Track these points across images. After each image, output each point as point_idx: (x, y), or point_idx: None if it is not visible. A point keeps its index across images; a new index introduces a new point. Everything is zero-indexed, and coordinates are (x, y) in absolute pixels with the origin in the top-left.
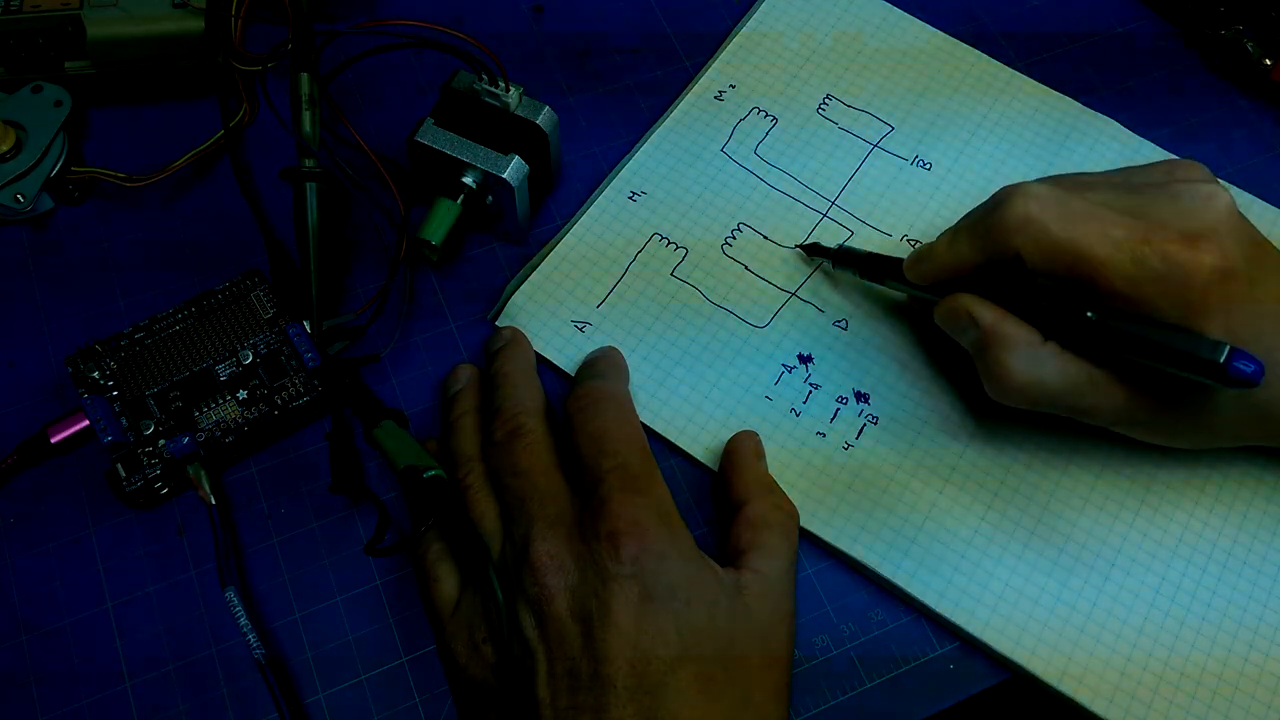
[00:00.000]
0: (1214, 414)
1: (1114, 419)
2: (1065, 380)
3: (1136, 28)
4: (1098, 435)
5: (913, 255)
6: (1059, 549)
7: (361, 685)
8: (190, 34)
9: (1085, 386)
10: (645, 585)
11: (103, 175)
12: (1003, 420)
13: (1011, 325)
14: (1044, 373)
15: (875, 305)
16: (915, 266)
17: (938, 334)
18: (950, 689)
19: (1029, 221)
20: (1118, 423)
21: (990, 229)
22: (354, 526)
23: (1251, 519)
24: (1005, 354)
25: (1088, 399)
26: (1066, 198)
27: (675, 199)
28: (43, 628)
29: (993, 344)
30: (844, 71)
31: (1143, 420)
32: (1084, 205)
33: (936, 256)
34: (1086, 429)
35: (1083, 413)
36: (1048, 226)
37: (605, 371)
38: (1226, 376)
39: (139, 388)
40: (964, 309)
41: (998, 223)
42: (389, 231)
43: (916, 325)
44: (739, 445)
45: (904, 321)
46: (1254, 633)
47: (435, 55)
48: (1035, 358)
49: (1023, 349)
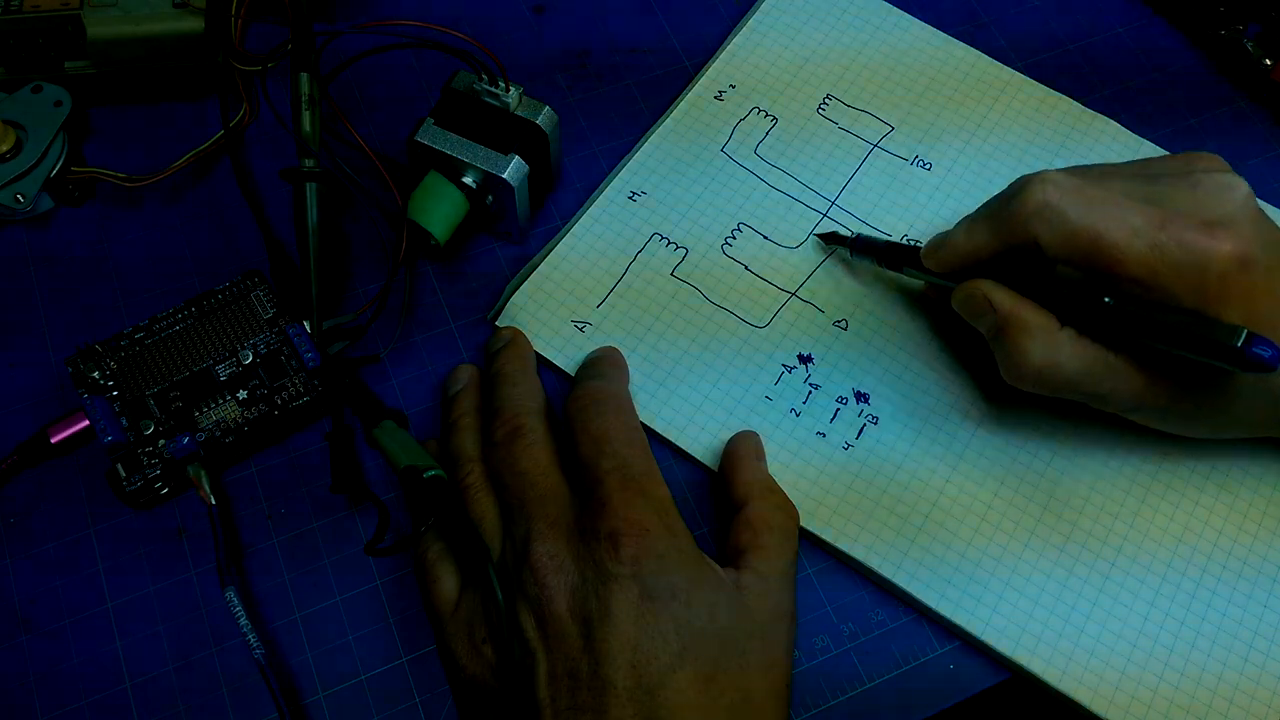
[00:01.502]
0: (1231, 401)
1: (1130, 405)
2: (1082, 365)
3: (1136, 28)
4: (1098, 436)
5: (930, 243)
6: (1059, 549)
7: (361, 685)
8: (190, 34)
9: (1102, 372)
10: (645, 585)
11: (103, 175)
12: (1003, 421)
13: (1029, 310)
14: (1061, 357)
15: (875, 305)
16: (933, 254)
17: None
18: (950, 689)
19: (1047, 208)
20: (1134, 409)
21: (1008, 216)
22: (354, 526)
23: (1252, 519)
24: (1022, 338)
25: (1105, 384)
26: (1084, 185)
27: (675, 199)
28: (43, 628)
29: (1010, 329)
30: (844, 71)
31: (1160, 407)
32: (1102, 192)
33: (954, 244)
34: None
35: (1099, 399)
36: (1066, 213)
37: (605, 371)
38: (1244, 360)
39: (139, 388)
40: (981, 294)
41: (1016, 209)
42: (389, 232)
43: (920, 323)
44: (739, 445)
45: (904, 321)
46: (1255, 633)
47: (435, 55)
48: (1052, 343)
49: (1040, 334)
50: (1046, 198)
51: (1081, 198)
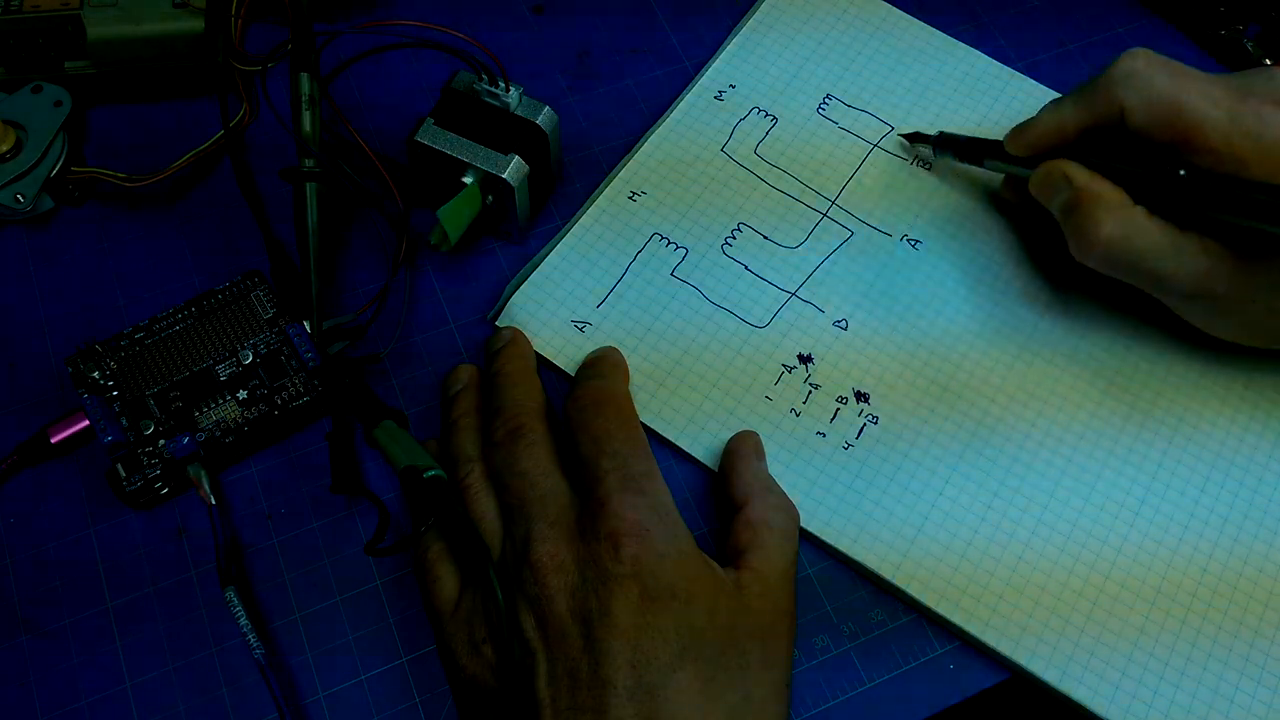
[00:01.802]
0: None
1: (1193, 287)
2: (1150, 241)
3: (1137, 28)
4: (1097, 435)
5: (1014, 128)
6: (1059, 549)
7: (361, 685)
8: (190, 34)
9: (1169, 250)
10: (645, 585)
11: (103, 175)
12: (1003, 420)
13: (1103, 185)
14: (1131, 231)
15: (875, 305)
16: (1017, 136)
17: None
18: (950, 689)
19: (1135, 75)
20: (1195, 292)
21: (1097, 86)
22: (354, 526)
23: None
24: (1096, 210)
25: (1169, 263)
26: (1172, 61)
27: (675, 199)
28: (43, 628)
29: (1084, 201)
30: (844, 71)
31: (1220, 292)
32: (1187, 68)
33: (1039, 122)
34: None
35: (1161, 282)
36: (1153, 80)
37: (605, 371)
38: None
39: (139, 388)
40: (1059, 170)
41: (1105, 77)
42: (389, 231)
43: (920, 321)
44: (739, 445)
45: (906, 320)
46: (1255, 633)
47: (435, 55)
48: (1124, 218)
49: (1113, 207)
50: (1135, 66)
51: (1168, 69)
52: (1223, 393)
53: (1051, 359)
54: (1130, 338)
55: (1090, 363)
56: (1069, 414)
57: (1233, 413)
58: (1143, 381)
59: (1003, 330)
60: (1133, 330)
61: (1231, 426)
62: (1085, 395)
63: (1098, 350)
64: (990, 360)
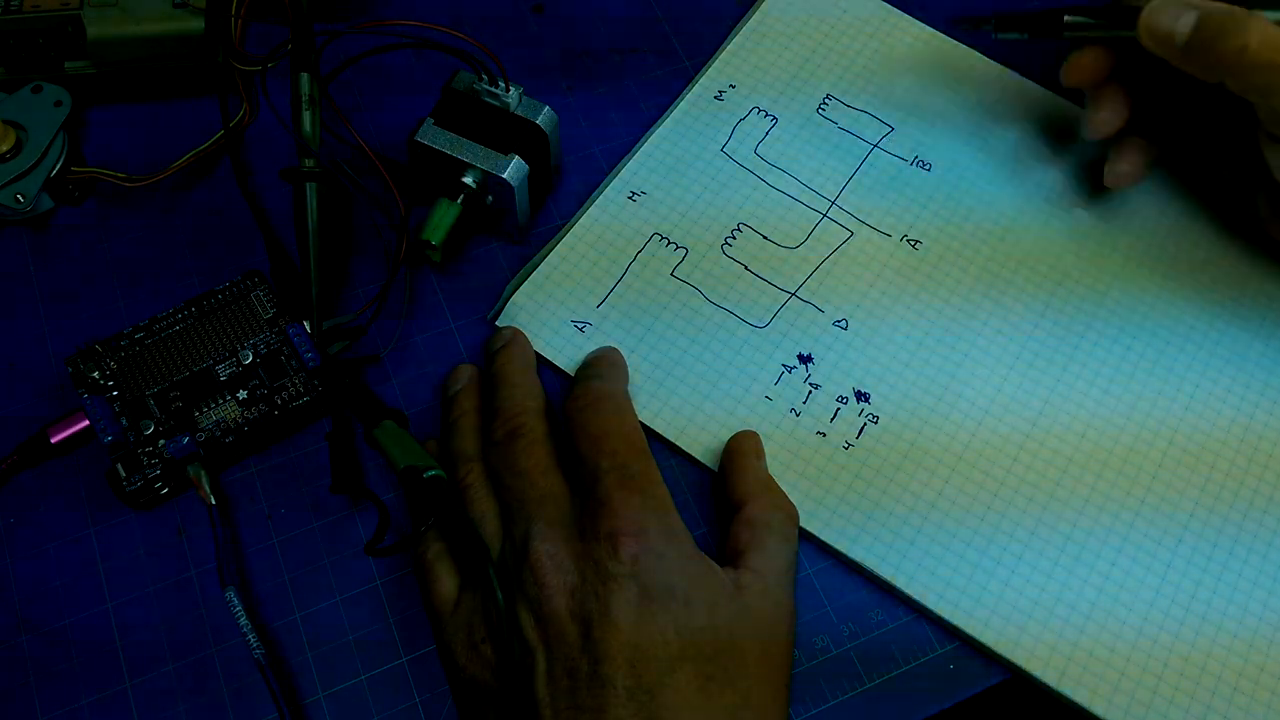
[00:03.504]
0: None
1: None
2: None
3: None
4: (1097, 437)
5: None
6: (1059, 548)
7: (361, 685)
8: (190, 34)
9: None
10: (644, 585)
11: (103, 175)
12: (1003, 420)
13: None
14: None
15: (875, 304)
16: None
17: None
18: (950, 689)
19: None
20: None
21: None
22: (354, 526)
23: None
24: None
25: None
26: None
27: (675, 199)
28: (43, 628)
29: (1214, 14)
30: (844, 71)
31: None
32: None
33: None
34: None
35: None
36: None
37: (605, 372)
38: None
39: (139, 388)
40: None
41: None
42: (389, 231)
43: (921, 320)
44: (739, 445)
45: (905, 320)
46: (1254, 632)
47: (435, 55)
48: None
49: (1242, 15)
50: None
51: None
52: None
53: (1051, 359)
54: (1131, 338)
55: (1090, 362)
56: (1069, 412)
57: None
58: (1138, 391)
59: (1003, 330)
60: (1133, 330)
61: None
62: (1085, 395)
63: (1098, 350)
64: (990, 360)
